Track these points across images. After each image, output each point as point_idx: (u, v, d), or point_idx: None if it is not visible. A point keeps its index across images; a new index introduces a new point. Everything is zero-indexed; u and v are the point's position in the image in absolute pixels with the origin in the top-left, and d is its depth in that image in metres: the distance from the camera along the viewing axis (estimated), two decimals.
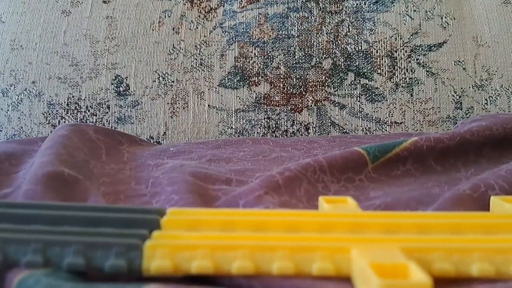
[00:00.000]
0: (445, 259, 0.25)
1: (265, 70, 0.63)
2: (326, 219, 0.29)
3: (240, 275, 0.24)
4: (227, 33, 0.64)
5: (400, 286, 0.21)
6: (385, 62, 0.63)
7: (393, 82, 0.62)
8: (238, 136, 0.62)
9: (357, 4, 0.65)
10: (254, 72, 0.63)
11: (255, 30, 0.64)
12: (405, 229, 0.29)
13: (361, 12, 0.64)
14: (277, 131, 0.62)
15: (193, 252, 0.24)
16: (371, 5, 0.65)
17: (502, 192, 0.37)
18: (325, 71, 0.63)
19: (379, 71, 0.63)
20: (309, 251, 0.24)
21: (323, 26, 0.64)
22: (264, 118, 0.62)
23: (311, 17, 0.64)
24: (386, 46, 0.63)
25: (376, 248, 0.24)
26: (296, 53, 0.63)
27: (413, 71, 0.63)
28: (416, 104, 0.62)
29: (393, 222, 0.29)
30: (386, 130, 0.62)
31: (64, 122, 0.62)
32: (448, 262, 0.25)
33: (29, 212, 0.27)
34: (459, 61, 0.63)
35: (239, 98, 0.62)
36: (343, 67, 0.63)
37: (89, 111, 0.62)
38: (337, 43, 0.63)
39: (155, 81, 0.63)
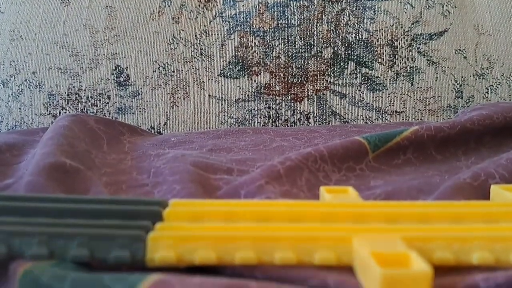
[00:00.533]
0: (445, 248, 0.25)
1: (266, 59, 0.62)
2: (328, 209, 0.29)
3: (243, 265, 0.24)
4: (227, 22, 0.64)
5: (401, 275, 0.21)
6: (385, 51, 0.62)
7: (393, 71, 0.62)
8: (239, 126, 0.62)
9: None
10: (255, 62, 0.62)
11: (255, 19, 0.63)
12: (406, 218, 0.29)
13: (361, 1, 0.64)
14: (278, 120, 0.62)
15: (196, 243, 0.24)
16: None
17: (502, 180, 0.37)
18: (325, 61, 0.62)
19: (379, 60, 0.62)
20: (311, 241, 0.24)
21: (323, 15, 0.63)
22: (265, 107, 0.62)
23: (311, 6, 0.64)
24: (387, 35, 0.63)
25: (377, 238, 0.25)
26: (296, 43, 0.63)
27: (413, 60, 0.62)
28: (416, 93, 0.62)
29: (394, 212, 0.29)
30: (387, 119, 0.62)
31: (65, 112, 0.62)
32: (449, 251, 0.25)
33: (33, 205, 0.27)
34: (460, 50, 0.62)
35: (240, 88, 0.62)
36: (343, 56, 0.62)
37: (89, 101, 0.62)
38: (337, 32, 0.63)
39: (155, 71, 0.62)
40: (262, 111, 0.62)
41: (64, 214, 0.27)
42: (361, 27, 0.63)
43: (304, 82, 0.62)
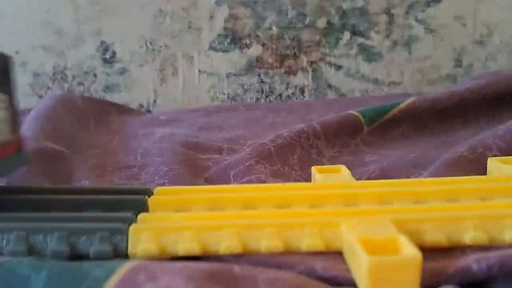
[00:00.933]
0: (437, 229, 0.24)
1: (257, 31, 0.61)
2: (317, 192, 0.28)
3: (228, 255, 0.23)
4: None
5: (389, 261, 0.20)
6: (382, 19, 0.60)
7: (390, 40, 0.61)
8: (231, 101, 0.61)
9: None
10: (245, 34, 0.61)
11: None
12: (399, 198, 0.28)
13: None
14: (271, 95, 0.61)
15: (179, 234, 0.23)
16: None
17: (500, 152, 0.36)
18: (319, 31, 0.61)
19: (376, 29, 0.60)
20: (298, 228, 0.24)
21: None
22: (257, 82, 0.61)
23: None
24: (383, 3, 0.61)
25: (366, 222, 0.24)
26: (288, 12, 0.61)
27: (411, 28, 0.60)
28: (414, 62, 0.61)
29: (386, 192, 0.28)
30: (384, 90, 0.61)
31: (51, 92, 0.60)
32: (441, 232, 0.24)
33: (10, 197, 0.26)
34: (459, 17, 0.60)
35: (230, 62, 0.61)
36: (338, 25, 0.61)
37: (75, 80, 0.61)
38: (331, 0, 0.61)
39: (142, 46, 0.61)
40: (255, 86, 0.61)
41: (43, 206, 0.26)
42: None
43: (298, 54, 0.61)
